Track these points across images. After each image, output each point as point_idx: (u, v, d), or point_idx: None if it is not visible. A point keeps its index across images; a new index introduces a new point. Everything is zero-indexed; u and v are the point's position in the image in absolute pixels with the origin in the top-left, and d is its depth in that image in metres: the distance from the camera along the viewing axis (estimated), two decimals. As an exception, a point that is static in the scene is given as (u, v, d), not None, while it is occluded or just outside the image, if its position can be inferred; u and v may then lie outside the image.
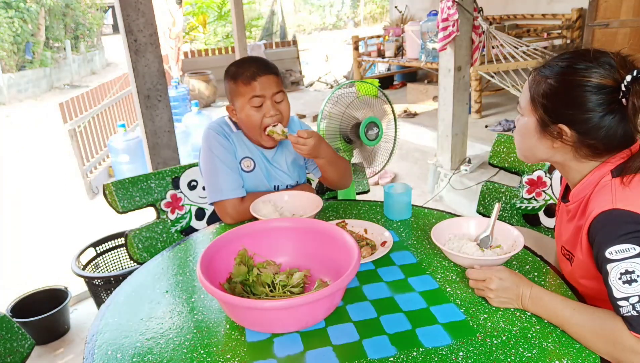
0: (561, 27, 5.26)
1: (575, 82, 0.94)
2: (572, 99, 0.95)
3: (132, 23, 2.11)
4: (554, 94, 0.97)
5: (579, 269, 1.03)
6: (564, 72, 0.97)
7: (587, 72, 0.93)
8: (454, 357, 0.88)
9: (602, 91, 0.92)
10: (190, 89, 7.50)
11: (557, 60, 1.00)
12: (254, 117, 1.48)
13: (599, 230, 0.91)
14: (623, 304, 0.84)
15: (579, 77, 0.94)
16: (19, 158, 5.93)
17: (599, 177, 0.98)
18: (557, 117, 0.98)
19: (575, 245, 1.03)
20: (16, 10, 10.71)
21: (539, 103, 1.00)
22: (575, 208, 1.04)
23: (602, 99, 0.92)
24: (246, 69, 1.47)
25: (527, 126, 1.05)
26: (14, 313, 2.21)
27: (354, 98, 1.73)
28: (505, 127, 4.42)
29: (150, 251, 1.62)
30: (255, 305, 0.92)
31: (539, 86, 1.00)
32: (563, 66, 0.97)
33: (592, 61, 0.94)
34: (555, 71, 0.98)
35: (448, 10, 3.12)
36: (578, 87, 0.94)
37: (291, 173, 1.66)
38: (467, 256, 1.12)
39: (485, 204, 1.75)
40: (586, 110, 0.93)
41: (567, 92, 0.95)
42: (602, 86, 0.92)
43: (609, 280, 0.86)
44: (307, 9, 20.54)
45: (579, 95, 0.93)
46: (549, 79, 0.98)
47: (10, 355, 1.17)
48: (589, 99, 0.93)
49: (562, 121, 0.97)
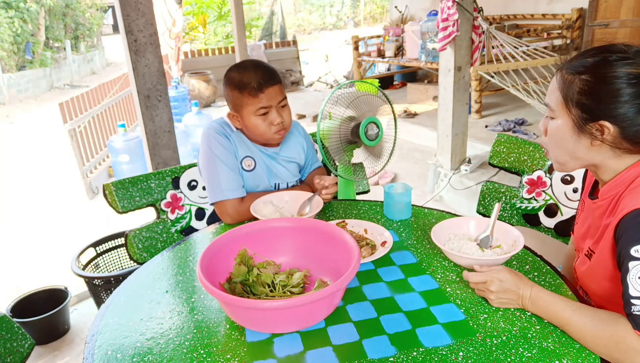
0: (561, 27, 5.26)
1: (612, 75, 0.91)
2: (611, 92, 0.91)
3: (132, 23, 2.11)
4: (591, 90, 0.94)
5: (599, 268, 1.01)
6: (598, 65, 0.93)
7: (623, 64, 0.91)
8: (454, 357, 0.88)
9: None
10: (190, 89, 7.50)
11: (584, 56, 0.97)
12: (261, 126, 1.51)
13: (628, 228, 0.89)
14: (636, 302, 0.83)
15: (615, 69, 0.91)
16: (19, 158, 5.94)
17: (635, 175, 0.96)
18: (596, 114, 0.94)
19: (599, 242, 1.00)
20: (16, 10, 10.71)
21: (574, 102, 0.96)
22: (605, 205, 1.01)
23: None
24: (251, 78, 1.46)
25: (562, 128, 1.00)
26: (14, 313, 2.21)
27: (354, 98, 1.73)
28: (505, 128, 4.42)
29: (150, 251, 1.62)
30: (255, 305, 0.92)
31: (571, 85, 0.96)
32: (596, 61, 0.94)
33: (623, 52, 0.92)
34: (587, 66, 0.95)
35: (448, 10, 3.12)
36: (616, 79, 0.91)
37: (292, 169, 1.67)
38: (467, 256, 1.12)
39: (485, 204, 1.75)
40: (627, 102, 0.91)
41: (605, 86, 0.92)
42: (638, 75, 0.90)
43: (627, 277, 0.85)
44: (307, 9, 20.54)
45: (618, 88, 0.91)
46: (582, 75, 0.95)
47: (10, 355, 1.17)
48: (628, 91, 0.90)
49: (602, 117, 0.93)
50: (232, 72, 1.52)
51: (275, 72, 1.54)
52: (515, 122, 4.51)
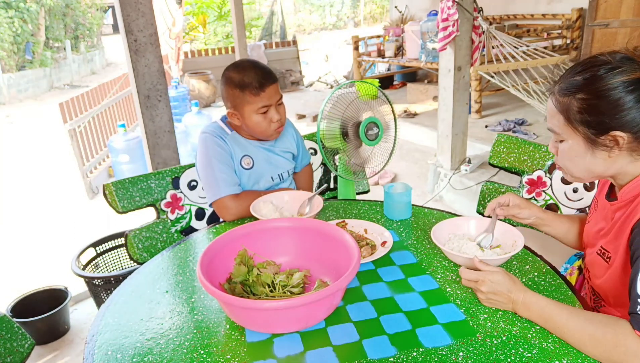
0: (561, 27, 5.26)
1: (607, 88, 0.91)
2: (613, 104, 0.91)
3: (132, 23, 2.11)
4: (591, 106, 0.94)
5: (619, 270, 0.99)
6: (589, 82, 0.94)
7: (614, 75, 0.91)
8: (454, 357, 0.88)
9: (637, 86, 0.90)
10: (190, 89, 7.49)
11: (571, 76, 0.97)
12: (262, 123, 1.56)
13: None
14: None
15: (608, 82, 0.91)
16: (19, 158, 5.93)
17: None
18: (605, 127, 0.94)
19: (618, 244, 0.99)
20: (16, 10, 10.71)
21: (578, 122, 0.96)
22: (625, 205, 1.00)
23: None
24: (252, 78, 1.51)
25: (575, 148, 0.99)
26: (14, 313, 2.21)
27: (354, 98, 1.73)
28: (505, 128, 4.42)
29: (150, 251, 1.62)
30: (255, 305, 0.92)
31: (570, 106, 0.96)
32: (586, 78, 0.94)
33: (608, 62, 0.92)
34: (579, 85, 0.95)
35: (448, 10, 3.12)
36: (613, 90, 0.91)
37: (289, 158, 1.75)
38: (467, 256, 1.12)
39: (485, 204, 1.75)
40: (632, 108, 0.91)
41: (604, 100, 0.92)
42: (633, 81, 0.90)
43: (638, 276, 0.84)
44: (307, 9, 20.53)
45: (618, 98, 0.91)
46: (577, 95, 0.95)
47: (10, 355, 1.17)
48: (629, 98, 0.90)
49: (612, 128, 0.93)
50: (231, 71, 1.54)
51: (271, 70, 1.60)
52: (515, 122, 4.51)
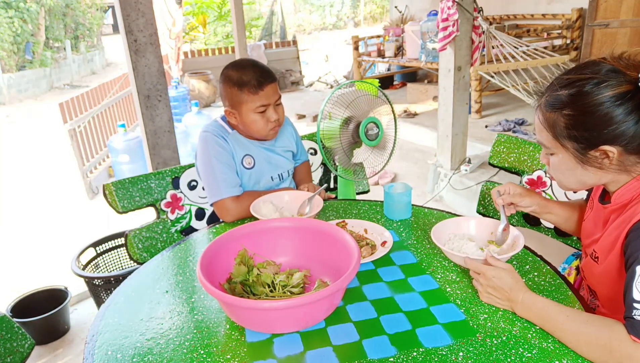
0: (561, 27, 5.26)
1: (595, 104, 0.90)
2: (601, 119, 0.90)
3: (132, 23, 2.11)
4: (578, 122, 0.92)
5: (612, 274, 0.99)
6: (575, 98, 0.92)
7: (600, 90, 0.89)
8: (454, 357, 0.88)
9: (625, 99, 0.88)
10: (190, 89, 7.49)
11: (555, 90, 0.96)
12: (259, 122, 1.55)
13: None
14: (638, 307, 0.82)
15: (595, 97, 0.89)
16: (19, 158, 5.93)
17: None
18: (593, 142, 0.93)
19: (612, 247, 0.98)
20: (16, 10, 10.71)
21: (566, 137, 0.95)
22: (619, 209, 0.99)
23: (628, 106, 0.88)
24: (251, 77, 1.51)
25: (565, 162, 0.99)
26: (14, 313, 2.21)
27: (354, 98, 1.73)
28: (505, 128, 4.42)
29: (150, 251, 1.62)
30: (255, 305, 0.92)
31: (556, 122, 0.96)
32: (572, 94, 0.93)
33: (594, 75, 0.91)
34: (565, 101, 0.94)
35: (448, 10, 3.12)
36: (600, 106, 0.89)
37: (289, 157, 1.75)
38: (467, 256, 1.12)
39: (485, 204, 1.75)
40: (621, 121, 0.89)
41: (592, 116, 0.90)
42: (620, 95, 0.88)
43: (633, 282, 0.84)
44: (307, 9, 20.53)
45: (606, 112, 0.89)
46: (564, 110, 0.94)
47: (10, 355, 1.17)
48: (618, 112, 0.89)
49: (601, 142, 0.92)
50: (230, 70, 1.55)
51: (271, 70, 1.60)
52: (515, 122, 4.51)
